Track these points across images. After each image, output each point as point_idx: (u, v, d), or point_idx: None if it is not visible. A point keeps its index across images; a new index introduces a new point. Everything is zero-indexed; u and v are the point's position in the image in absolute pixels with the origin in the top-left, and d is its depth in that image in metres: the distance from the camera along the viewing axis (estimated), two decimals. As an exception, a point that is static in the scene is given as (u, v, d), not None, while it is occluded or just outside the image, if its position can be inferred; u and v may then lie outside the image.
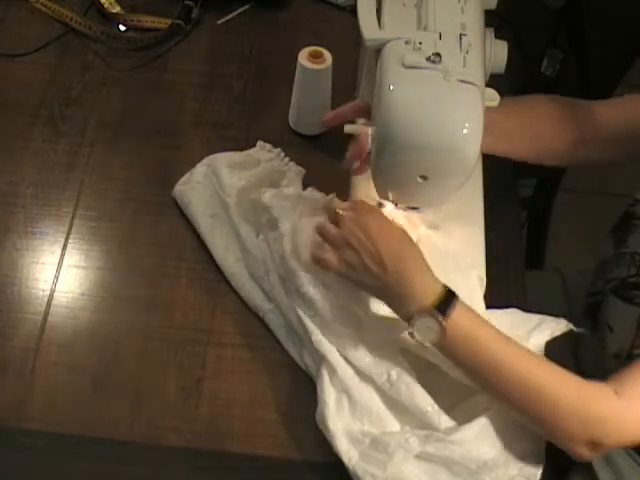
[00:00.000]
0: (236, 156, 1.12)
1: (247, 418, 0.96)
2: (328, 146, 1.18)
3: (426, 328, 0.85)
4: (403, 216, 1.03)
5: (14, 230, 1.09)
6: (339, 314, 0.94)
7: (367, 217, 0.91)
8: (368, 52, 0.96)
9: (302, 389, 0.97)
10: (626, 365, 0.88)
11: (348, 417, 0.92)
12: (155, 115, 1.22)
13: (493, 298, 0.99)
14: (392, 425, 0.92)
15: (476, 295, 0.98)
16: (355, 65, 1.21)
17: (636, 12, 1.37)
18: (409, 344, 0.91)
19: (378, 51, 0.91)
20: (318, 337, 0.94)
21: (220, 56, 1.30)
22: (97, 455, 0.93)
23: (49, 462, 0.93)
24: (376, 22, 0.91)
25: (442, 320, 0.84)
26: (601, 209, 1.53)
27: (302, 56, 1.11)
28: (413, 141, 0.87)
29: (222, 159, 1.10)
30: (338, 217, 0.91)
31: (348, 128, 1.06)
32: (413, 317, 0.85)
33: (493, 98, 0.93)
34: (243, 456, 0.94)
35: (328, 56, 1.12)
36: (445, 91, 0.85)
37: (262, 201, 1.03)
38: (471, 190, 1.07)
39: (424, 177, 0.91)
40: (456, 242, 1.04)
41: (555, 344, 0.94)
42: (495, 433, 0.89)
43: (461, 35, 0.88)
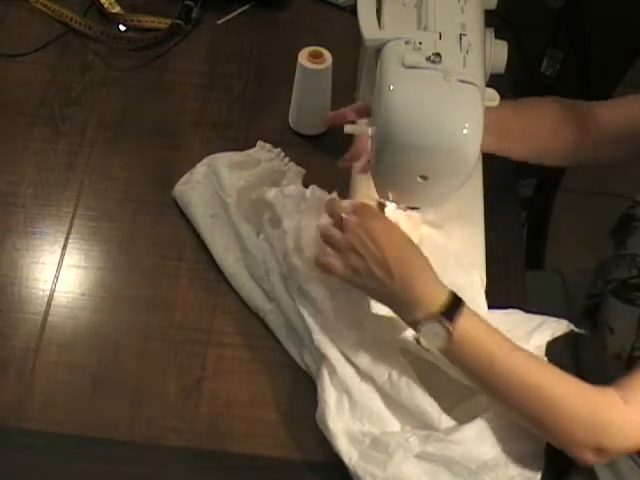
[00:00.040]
0: (236, 156, 1.12)
1: (247, 418, 0.96)
2: (328, 146, 1.18)
3: (433, 334, 0.84)
4: (404, 216, 1.04)
5: (14, 230, 1.09)
6: (340, 313, 0.94)
7: (373, 222, 0.89)
8: (368, 52, 0.96)
9: (302, 389, 0.97)
10: (631, 369, 0.87)
11: (348, 417, 0.92)
12: (155, 115, 1.22)
13: (493, 298, 0.99)
14: (392, 425, 0.92)
15: (478, 295, 0.98)
16: (355, 65, 1.21)
17: (636, 12, 1.37)
18: (409, 344, 0.91)
19: (378, 51, 0.90)
20: (319, 336, 0.94)
21: (220, 56, 1.30)
22: (97, 455, 0.93)
23: (49, 462, 0.93)
24: (376, 22, 0.91)
25: (449, 326, 0.83)
26: (601, 209, 1.53)
27: (302, 56, 1.11)
28: (413, 141, 0.87)
29: (222, 159, 1.10)
30: (342, 221, 0.90)
31: (348, 128, 1.06)
32: (419, 323, 0.85)
33: (493, 98, 0.93)
34: (243, 456, 0.94)
35: (328, 56, 1.12)
36: (445, 91, 0.85)
37: (266, 198, 1.03)
38: (471, 190, 1.07)
39: (424, 177, 0.91)
40: (456, 242, 1.04)
41: (556, 344, 0.94)
42: (495, 433, 0.89)
43: (461, 35, 0.88)
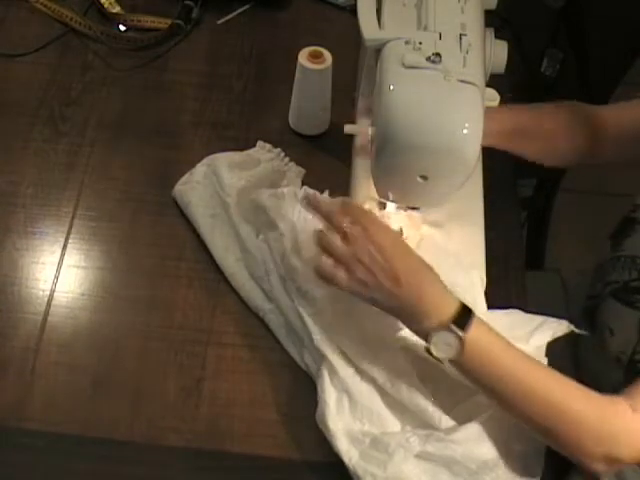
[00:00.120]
0: (236, 156, 1.12)
1: (247, 418, 0.96)
2: (328, 146, 1.18)
3: (444, 344, 0.83)
4: (404, 216, 1.04)
5: (14, 230, 1.09)
6: (340, 313, 0.94)
7: (378, 232, 0.87)
8: (368, 52, 0.96)
9: (302, 389, 0.97)
10: (634, 374, 0.87)
11: (348, 417, 0.92)
12: (155, 115, 1.22)
13: (493, 298, 0.99)
14: (392, 425, 0.92)
15: (478, 295, 0.98)
16: (355, 65, 1.21)
17: (636, 12, 1.37)
18: (410, 344, 0.91)
19: (378, 51, 0.91)
20: (319, 336, 0.94)
21: (220, 56, 1.29)
22: (97, 455, 0.93)
23: (49, 462, 0.93)
24: (376, 22, 0.91)
25: (461, 335, 0.83)
26: (601, 209, 1.53)
27: (302, 56, 1.11)
28: (413, 141, 0.87)
29: (222, 159, 1.10)
30: (345, 232, 0.87)
31: (348, 128, 1.07)
32: (430, 333, 0.84)
33: (493, 98, 0.93)
34: (243, 456, 0.94)
35: (328, 56, 1.12)
36: (445, 91, 0.85)
37: (260, 201, 1.03)
38: (471, 190, 1.07)
39: (424, 177, 0.91)
40: (456, 242, 1.04)
41: (556, 345, 0.94)
42: (496, 433, 0.89)
43: (461, 35, 0.88)
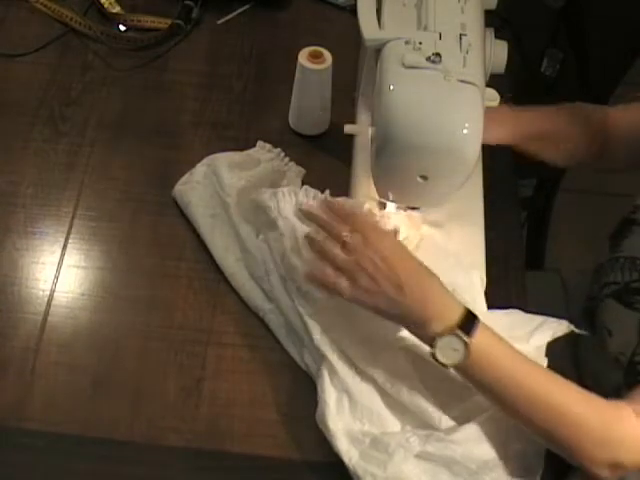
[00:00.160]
0: (236, 156, 1.12)
1: (247, 418, 0.96)
2: (328, 146, 1.18)
3: (450, 349, 0.83)
4: (404, 216, 1.04)
5: (14, 230, 1.09)
6: (340, 313, 0.94)
7: (379, 240, 0.87)
8: (368, 52, 0.96)
9: (302, 389, 0.97)
10: (631, 375, 0.87)
11: (348, 417, 0.92)
12: (155, 115, 1.21)
13: (493, 298, 0.99)
14: (392, 425, 0.92)
15: (478, 295, 0.98)
16: (355, 65, 1.21)
17: (636, 12, 1.37)
18: (410, 344, 0.91)
19: (378, 51, 0.91)
20: (319, 336, 0.94)
21: (220, 56, 1.29)
22: (97, 455, 0.93)
23: (49, 462, 0.93)
24: (376, 22, 0.91)
25: (467, 340, 0.83)
26: (601, 209, 1.53)
27: (302, 56, 1.11)
28: (413, 141, 0.87)
29: (222, 159, 1.10)
30: (344, 241, 0.88)
31: (348, 128, 1.07)
32: (436, 338, 0.84)
33: (493, 98, 0.93)
34: (243, 456, 0.94)
35: (328, 56, 1.12)
36: (445, 91, 0.85)
37: (260, 201, 1.03)
38: (471, 190, 1.07)
39: (424, 177, 0.91)
40: (456, 242, 1.04)
41: (556, 345, 0.94)
42: (495, 433, 0.89)
43: (461, 35, 0.88)
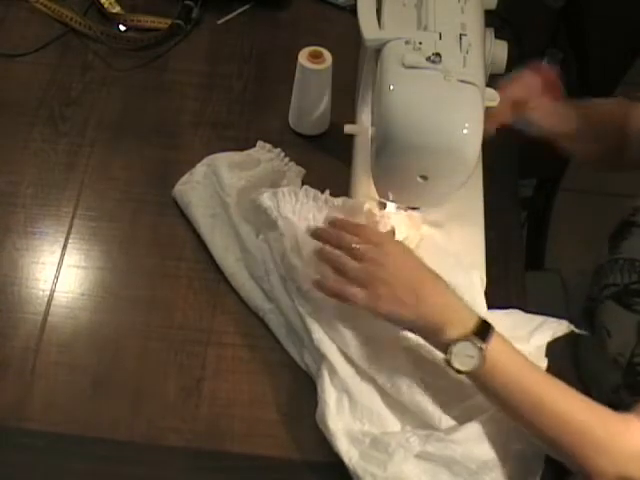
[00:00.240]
0: (236, 156, 1.12)
1: (247, 418, 0.96)
2: (328, 146, 1.18)
3: (465, 356, 0.83)
4: (405, 216, 1.04)
5: (14, 230, 1.09)
6: (340, 312, 0.94)
7: (392, 248, 0.89)
8: (368, 52, 0.96)
9: (302, 389, 0.97)
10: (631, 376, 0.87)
11: (348, 417, 0.92)
12: (155, 115, 1.21)
13: (493, 298, 0.99)
14: (393, 425, 0.92)
15: (478, 295, 0.98)
16: (355, 65, 1.21)
17: (636, 12, 1.37)
18: (410, 344, 0.91)
19: (378, 51, 0.91)
20: (319, 335, 0.94)
21: (220, 56, 1.29)
22: (97, 455, 0.93)
23: (49, 462, 0.93)
24: (376, 22, 0.91)
25: (483, 346, 0.83)
26: (601, 209, 1.53)
27: (302, 56, 1.11)
28: (413, 141, 0.87)
29: (222, 159, 1.10)
30: (358, 251, 0.88)
31: (348, 128, 1.07)
32: (451, 344, 0.84)
33: (493, 98, 0.93)
34: (243, 456, 0.94)
35: (328, 56, 1.12)
36: (445, 91, 0.85)
37: (260, 201, 1.03)
38: (471, 190, 1.06)
39: (424, 177, 0.91)
40: (456, 242, 1.04)
41: (556, 345, 0.94)
42: (496, 433, 0.89)
43: (461, 35, 0.88)
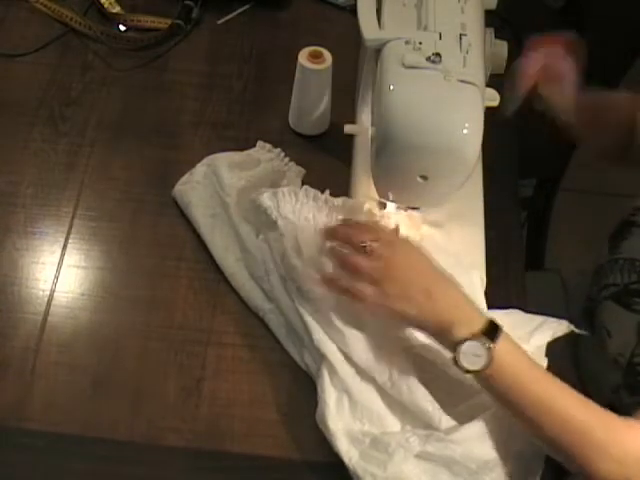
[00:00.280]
0: (236, 156, 1.12)
1: (247, 418, 0.96)
2: (328, 146, 1.18)
3: (473, 355, 0.84)
4: (405, 216, 1.04)
5: (14, 230, 1.09)
6: (340, 312, 0.94)
7: (403, 246, 0.89)
8: (368, 52, 0.96)
9: (302, 389, 0.97)
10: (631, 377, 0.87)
11: (348, 417, 0.92)
12: (155, 115, 1.21)
13: (493, 298, 0.99)
14: (393, 425, 0.92)
15: (478, 295, 0.98)
16: (355, 65, 1.21)
17: (636, 12, 1.37)
18: (410, 343, 0.91)
19: (378, 51, 0.91)
20: (319, 335, 0.94)
21: (220, 56, 1.29)
22: (97, 455, 0.93)
23: (49, 462, 0.93)
24: (376, 22, 0.91)
25: (491, 347, 0.83)
26: (601, 209, 1.53)
27: (302, 56, 1.11)
28: (413, 141, 0.87)
29: (222, 159, 1.10)
30: (370, 250, 0.88)
31: (348, 128, 1.06)
32: (459, 344, 0.84)
33: (493, 98, 0.93)
34: (243, 456, 0.94)
35: (328, 56, 1.12)
36: (445, 91, 0.85)
37: (260, 201, 1.03)
38: (471, 190, 1.07)
39: (424, 177, 0.91)
40: (456, 242, 1.04)
41: (556, 345, 0.94)
42: (496, 433, 0.89)
43: (461, 35, 0.88)
